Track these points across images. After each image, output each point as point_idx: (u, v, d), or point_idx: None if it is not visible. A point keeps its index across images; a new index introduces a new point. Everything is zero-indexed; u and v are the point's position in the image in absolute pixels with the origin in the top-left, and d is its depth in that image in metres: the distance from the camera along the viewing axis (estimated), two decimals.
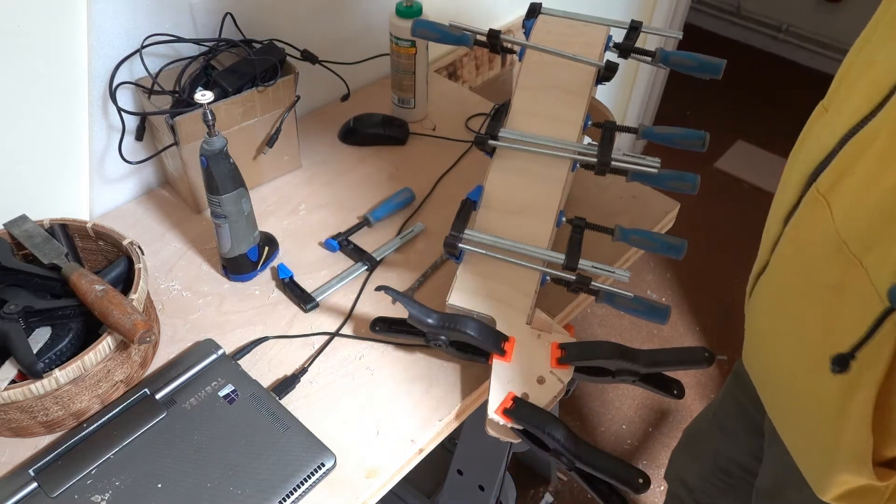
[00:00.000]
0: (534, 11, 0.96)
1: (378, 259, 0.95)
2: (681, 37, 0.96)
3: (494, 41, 0.92)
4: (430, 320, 0.75)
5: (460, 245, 0.81)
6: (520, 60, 0.95)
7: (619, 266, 0.92)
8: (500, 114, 0.91)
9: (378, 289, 0.77)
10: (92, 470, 0.70)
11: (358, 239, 0.98)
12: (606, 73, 0.91)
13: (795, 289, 0.63)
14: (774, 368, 0.69)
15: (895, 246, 0.50)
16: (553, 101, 0.91)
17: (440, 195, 1.06)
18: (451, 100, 1.25)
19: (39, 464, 0.70)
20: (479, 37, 0.93)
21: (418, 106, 1.17)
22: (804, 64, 3.12)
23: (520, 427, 0.71)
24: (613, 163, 0.84)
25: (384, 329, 0.83)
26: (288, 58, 1.01)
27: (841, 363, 0.55)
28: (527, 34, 0.96)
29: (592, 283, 0.79)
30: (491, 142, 0.87)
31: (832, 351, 0.56)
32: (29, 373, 0.68)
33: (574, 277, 0.80)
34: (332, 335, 0.86)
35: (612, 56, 0.93)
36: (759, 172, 2.54)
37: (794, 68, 3.12)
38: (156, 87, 0.93)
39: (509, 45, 0.93)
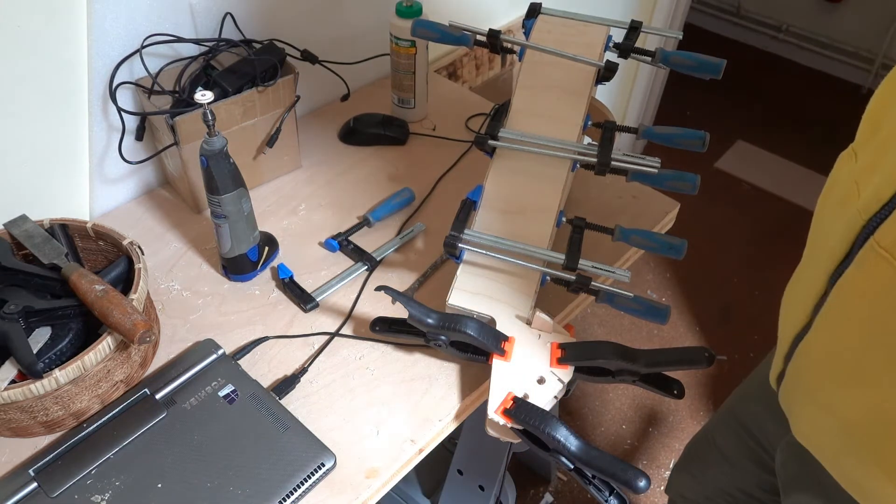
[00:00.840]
0: (534, 11, 0.96)
1: (378, 259, 0.95)
2: (681, 37, 0.96)
3: (494, 41, 0.92)
4: (430, 320, 0.75)
5: (460, 245, 0.81)
6: (520, 60, 0.95)
7: (618, 266, 0.92)
8: (500, 114, 0.91)
9: (378, 289, 0.77)
10: (92, 470, 0.70)
11: (358, 239, 0.98)
12: (606, 73, 0.91)
13: (857, 346, 0.58)
14: (844, 432, 0.63)
15: None
16: (553, 101, 0.91)
17: (440, 195, 1.06)
18: (451, 100, 1.25)
19: (39, 464, 0.70)
20: (478, 37, 0.93)
21: (418, 106, 1.17)
22: (804, 64, 3.12)
23: (520, 427, 0.71)
24: (613, 163, 0.84)
25: (384, 329, 0.83)
26: (288, 58, 1.01)
27: None
28: (527, 34, 0.96)
29: (592, 283, 0.79)
30: (491, 142, 0.87)
31: None
32: (29, 373, 0.68)
33: (574, 277, 0.80)
34: (332, 335, 0.86)
35: (611, 56, 0.94)
36: (759, 172, 2.54)
37: (794, 68, 3.12)
38: (156, 87, 0.93)
39: (509, 45, 0.93)
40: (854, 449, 0.63)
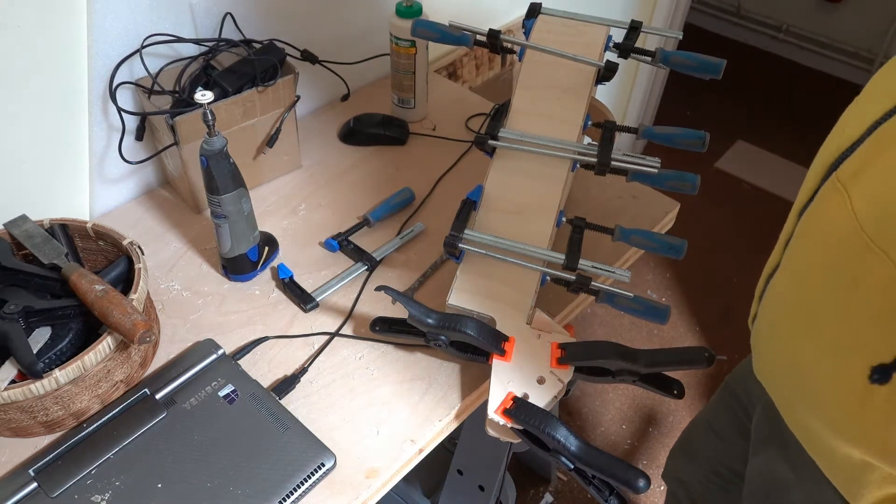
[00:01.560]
0: (534, 11, 0.96)
1: (378, 259, 0.94)
2: (681, 37, 0.96)
3: (494, 41, 0.92)
4: (429, 320, 0.75)
5: (460, 245, 0.81)
6: (520, 60, 0.95)
7: (618, 266, 0.92)
8: (500, 114, 0.91)
9: (378, 289, 0.77)
10: (92, 470, 0.70)
11: (358, 239, 0.98)
12: (606, 73, 0.91)
13: (811, 286, 0.59)
14: (795, 374, 0.65)
15: None
16: (553, 101, 0.91)
17: (440, 195, 1.06)
18: (451, 100, 1.25)
19: (39, 464, 0.70)
20: (478, 37, 0.93)
21: (418, 106, 1.17)
22: (804, 64, 3.12)
23: (520, 427, 0.71)
24: (613, 163, 0.84)
25: (384, 329, 0.83)
26: (288, 58, 1.01)
27: (882, 374, 0.51)
28: (527, 34, 0.96)
29: (592, 283, 0.79)
30: (491, 142, 0.87)
31: (861, 353, 0.53)
32: (29, 373, 0.68)
33: (574, 277, 0.80)
34: (332, 335, 0.86)
35: (611, 56, 0.93)
36: (759, 172, 2.54)
37: (794, 68, 3.12)
38: (156, 87, 0.93)
39: (509, 45, 0.93)
40: (801, 393, 0.65)
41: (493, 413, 0.72)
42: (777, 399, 0.72)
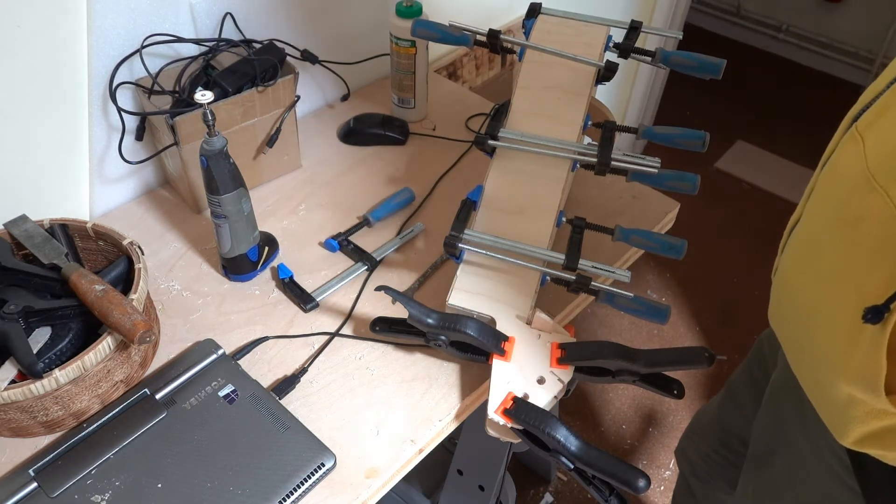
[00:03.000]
0: (534, 11, 0.96)
1: (378, 259, 0.94)
2: (681, 37, 0.96)
3: (494, 41, 0.92)
4: (430, 320, 0.75)
5: (460, 245, 0.81)
6: (520, 60, 0.95)
7: (618, 266, 0.92)
8: (500, 114, 0.91)
9: (378, 289, 0.77)
10: (92, 470, 0.70)
11: (358, 239, 0.98)
12: (606, 73, 0.91)
13: (821, 226, 0.62)
14: (799, 311, 0.68)
15: None
16: (553, 101, 0.91)
17: (440, 195, 1.06)
18: (451, 100, 1.25)
19: (39, 464, 0.70)
20: (479, 37, 0.93)
21: (418, 106, 1.17)
22: (804, 64, 3.12)
23: (520, 427, 0.71)
24: (613, 163, 0.84)
25: (384, 329, 0.83)
26: (288, 58, 1.01)
27: (875, 315, 0.53)
28: (527, 34, 0.96)
29: (592, 283, 0.79)
30: (491, 142, 0.87)
31: (857, 291, 0.55)
32: (29, 373, 0.68)
33: (574, 277, 0.80)
34: (332, 335, 0.86)
35: (611, 56, 0.93)
36: (759, 172, 2.54)
37: (794, 68, 3.12)
38: (156, 87, 0.93)
39: (509, 45, 0.93)
40: (803, 330, 0.67)
41: (494, 413, 0.72)
42: (784, 342, 0.75)
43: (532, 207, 0.85)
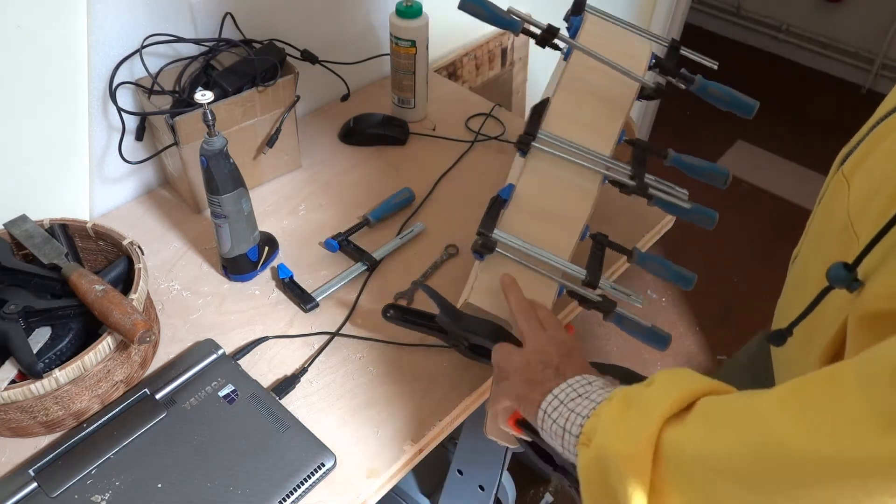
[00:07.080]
0: (579, 7, 0.92)
1: (378, 259, 0.94)
2: (716, 67, 0.92)
3: (547, 36, 0.88)
4: (460, 324, 0.74)
5: (496, 248, 0.79)
6: (565, 59, 0.92)
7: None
8: (537, 113, 0.88)
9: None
10: (92, 470, 0.70)
11: (358, 239, 0.98)
12: (653, 92, 0.89)
13: (812, 268, 0.64)
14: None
15: (870, 223, 0.50)
16: (593, 109, 0.88)
17: (440, 195, 1.06)
18: (451, 100, 1.25)
19: (39, 464, 0.70)
20: (530, 27, 0.88)
21: (418, 106, 1.17)
22: (804, 64, 3.12)
23: (529, 439, 0.70)
24: (650, 190, 0.84)
25: (396, 317, 0.81)
26: (288, 58, 1.01)
27: (777, 338, 0.56)
28: (571, 32, 0.93)
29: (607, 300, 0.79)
30: (534, 144, 0.84)
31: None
32: (29, 373, 0.68)
33: (599, 298, 0.79)
34: (333, 335, 0.86)
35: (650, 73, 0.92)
36: (759, 172, 2.54)
37: (794, 68, 3.12)
38: (156, 87, 0.93)
39: (557, 44, 0.90)
40: (786, 306, 0.69)
41: (505, 424, 0.71)
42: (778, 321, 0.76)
43: (560, 216, 0.83)
